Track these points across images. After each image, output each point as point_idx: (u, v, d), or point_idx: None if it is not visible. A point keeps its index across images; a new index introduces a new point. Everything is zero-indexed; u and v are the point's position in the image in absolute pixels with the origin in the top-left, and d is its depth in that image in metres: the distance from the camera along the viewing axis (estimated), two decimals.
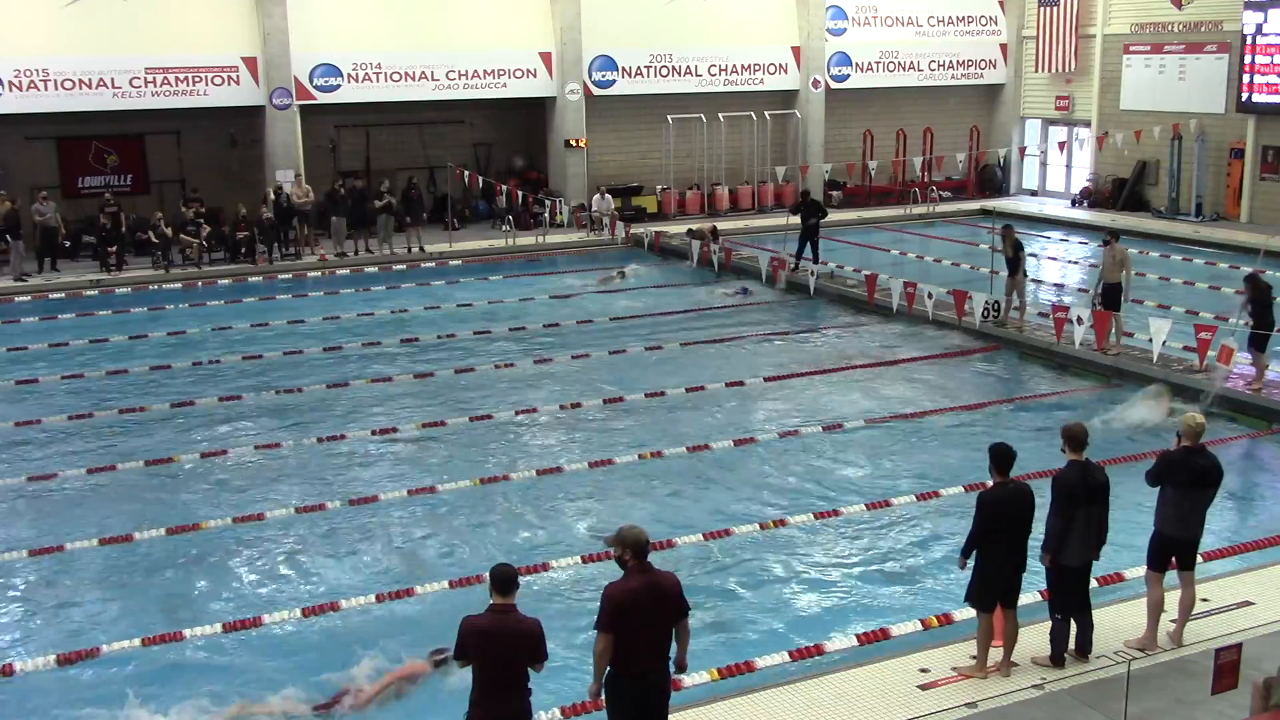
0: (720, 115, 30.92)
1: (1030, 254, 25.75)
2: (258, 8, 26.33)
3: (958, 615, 9.41)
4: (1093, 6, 31.44)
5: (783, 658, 9.06)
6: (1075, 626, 8.55)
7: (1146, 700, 8.02)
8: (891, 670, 8.59)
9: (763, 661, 8.99)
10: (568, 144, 29.48)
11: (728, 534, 11.47)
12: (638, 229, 27.53)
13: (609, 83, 29.88)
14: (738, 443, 14.16)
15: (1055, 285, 23.39)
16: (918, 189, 31.74)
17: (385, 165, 29.39)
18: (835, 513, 11.98)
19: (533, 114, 30.30)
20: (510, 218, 26.95)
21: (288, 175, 26.40)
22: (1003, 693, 8.18)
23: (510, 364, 17.94)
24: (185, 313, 21.72)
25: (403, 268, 25.34)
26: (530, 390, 16.58)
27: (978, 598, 8.34)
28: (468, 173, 28.59)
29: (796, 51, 31.52)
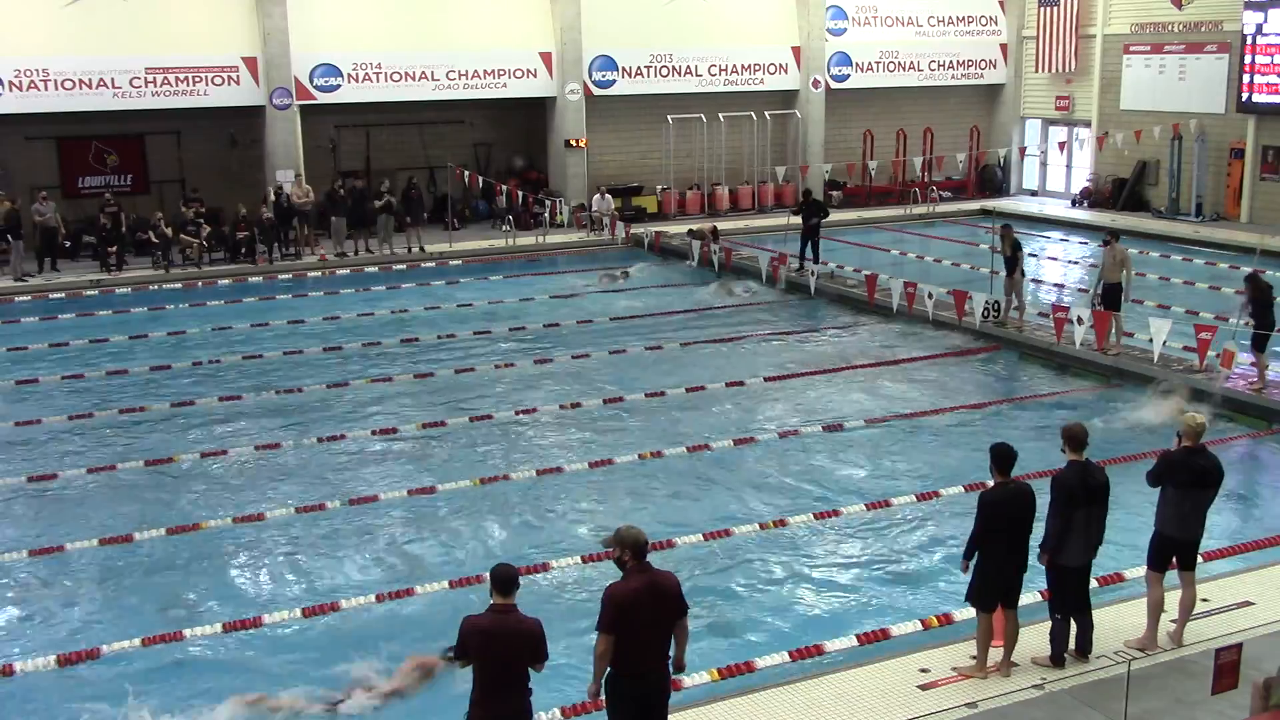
0: (720, 115, 30.92)
1: (1030, 254, 25.79)
2: (258, 8, 26.33)
3: (958, 615, 9.42)
4: (1093, 6, 31.44)
5: (783, 658, 9.06)
6: (1075, 626, 8.55)
7: (1146, 700, 8.02)
8: (891, 670, 8.59)
9: (763, 661, 8.99)
10: (568, 144, 29.49)
11: (728, 534, 11.47)
12: (638, 229, 27.53)
13: (609, 83, 29.88)
14: (738, 443, 14.16)
15: (1055, 285, 23.38)
16: (918, 189, 31.74)
17: (385, 165, 29.38)
18: (835, 513, 11.98)
19: (533, 114, 30.30)
20: (510, 218, 26.95)
21: (288, 175, 26.40)
22: (1003, 693, 8.18)
23: (510, 364, 17.94)
24: (185, 313, 21.72)
25: (403, 268, 25.34)
26: (530, 390, 16.58)
27: (978, 597, 8.34)
28: (468, 173, 28.59)
29: (796, 51, 31.52)
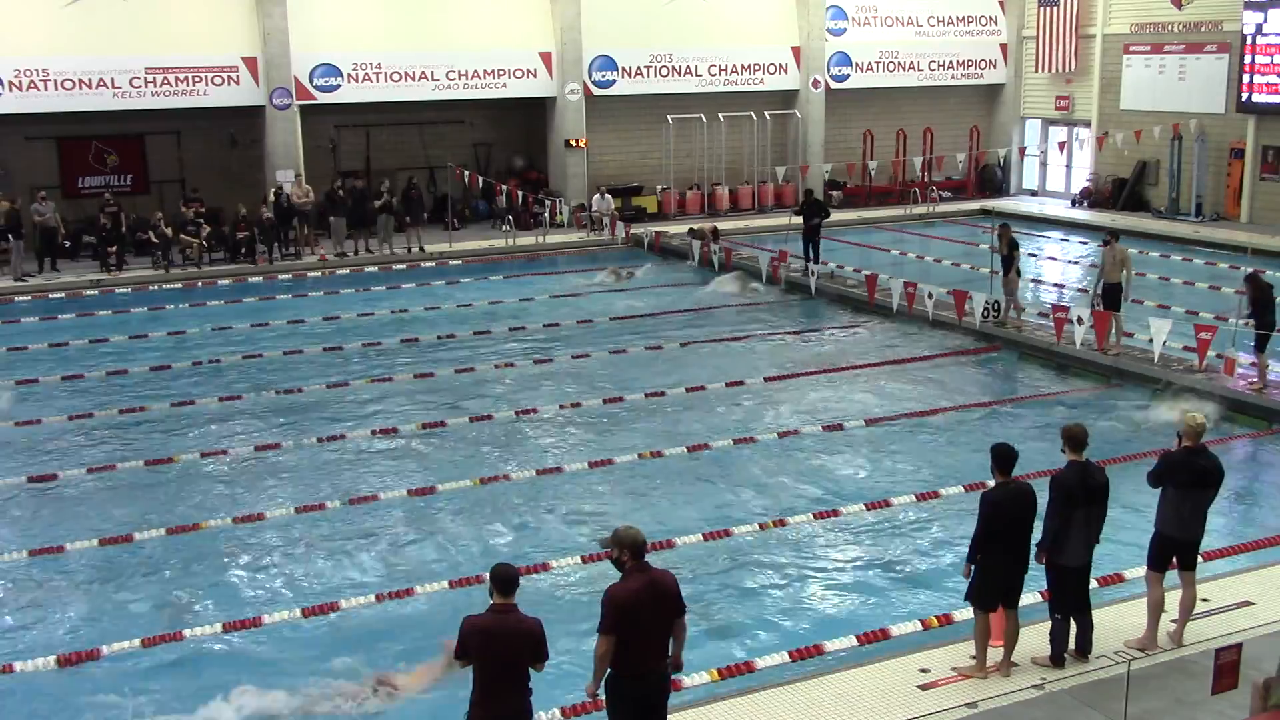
0: (720, 115, 30.91)
1: (1030, 254, 25.83)
2: (258, 8, 26.33)
3: (958, 615, 9.41)
4: (1093, 6, 31.44)
5: (783, 658, 9.06)
6: (1075, 626, 8.55)
7: (1146, 700, 8.02)
8: (891, 670, 8.59)
9: (763, 661, 9.00)
10: (568, 144, 29.48)
11: (728, 534, 11.46)
12: (638, 229, 27.54)
13: (609, 83, 29.88)
14: (738, 442, 14.15)
15: (1055, 285, 23.37)
16: (918, 189, 31.73)
17: (385, 165, 29.38)
18: (835, 513, 11.98)
19: (533, 114, 30.30)
20: (510, 218, 26.95)
21: (288, 175, 26.40)
22: (1003, 693, 8.18)
23: (510, 364, 17.94)
24: (185, 313, 21.71)
25: (403, 268, 25.34)
26: (530, 390, 16.58)
27: (978, 597, 8.34)
28: (468, 173, 28.59)
29: (796, 51, 31.51)
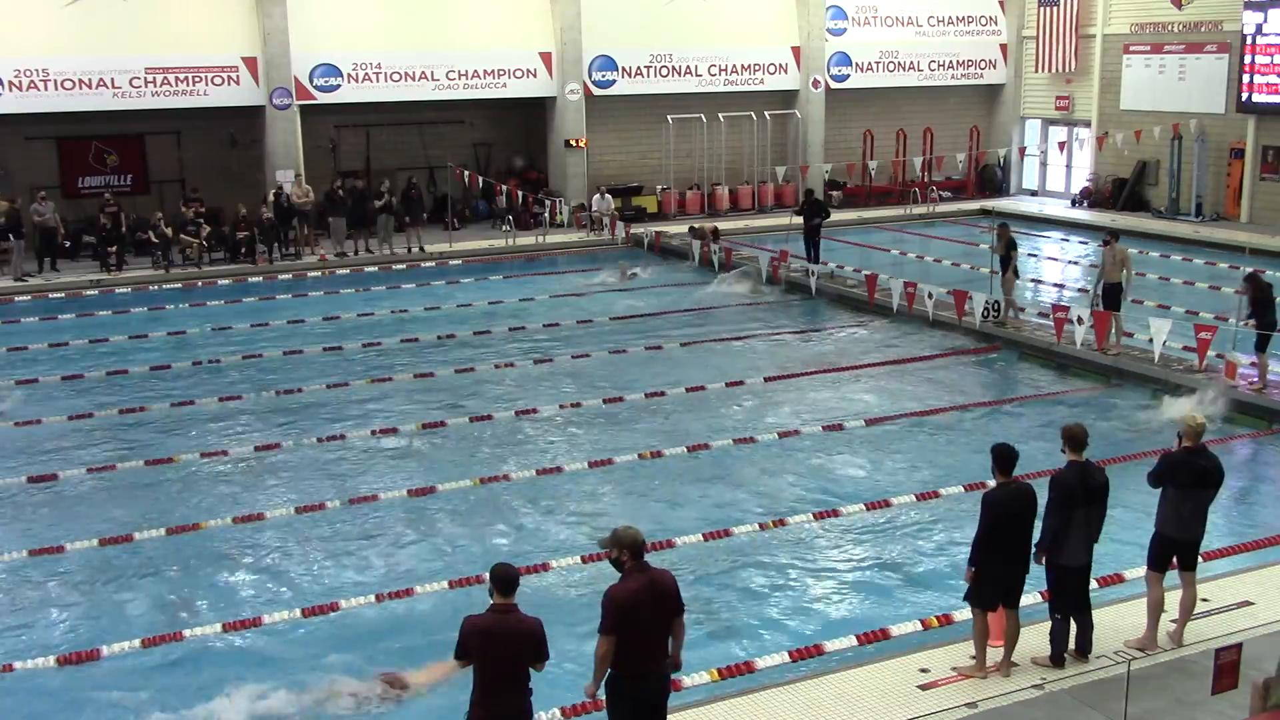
0: (720, 115, 30.91)
1: (1030, 254, 25.86)
2: (258, 8, 26.33)
3: (958, 615, 9.41)
4: (1093, 6, 31.44)
5: (783, 658, 9.06)
6: (1075, 626, 8.55)
7: (1146, 700, 8.02)
8: (891, 670, 8.59)
9: (763, 661, 9.00)
10: (568, 144, 29.48)
11: (728, 534, 11.46)
12: (638, 229, 27.54)
13: (609, 83, 29.88)
14: (738, 442, 14.15)
15: (1055, 285, 23.37)
16: (918, 189, 31.73)
17: (385, 165, 29.38)
18: (835, 513, 11.98)
19: (533, 114, 30.29)
20: (510, 218, 26.95)
21: (288, 175, 26.40)
22: (1003, 693, 8.17)
23: (510, 364, 17.93)
24: (185, 313, 21.71)
25: (403, 268, 25.34)
26: (530, 390, 16.58)
27: (978, 597, 8.33)
28: (468, 173, 28.58)
29: (796, 51, 31.51)
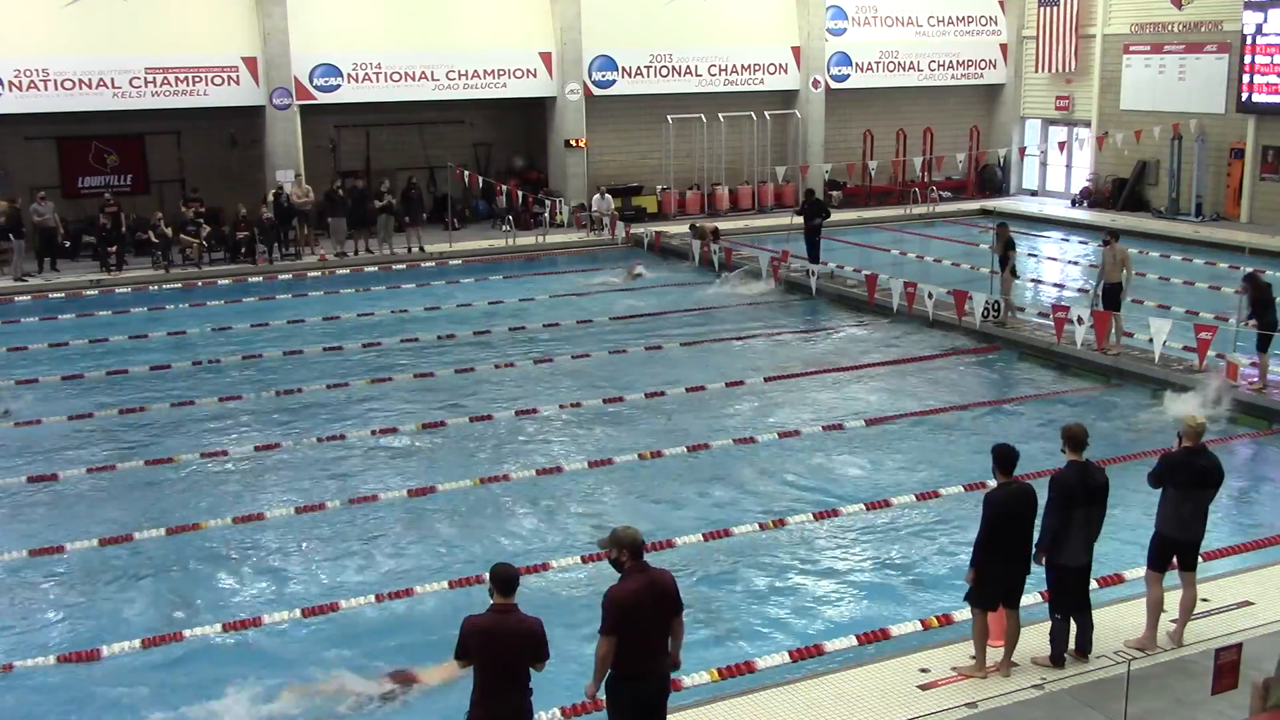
0: (720, 115, 30.90)
1: (1030, 254, 25.89)
2: (258, 8, 26.33)
3: (958, 615, 9.41)
4: (1093, 6, 31.43)
5: (783, 658, 9.07)
6: (1075, 626, 8.55)
7: (1146, 700, 8.02)
8: (891, 670, 8.59)
9: (763, 661, 9.00)
10: (568, 144, 29.48)
11: (728, 534, 11.46)
12: (638, 229, 27.54)
13: (609, 83, 29.87)
14: (738, 442, 14.15)
15: (1055, 285, 23.37)
16: (918, 189, 31.72)
17: (385, 165, 29.37)
18: (835, 513, 11.98)
19: (533, 114, 30.29)
20: (510, 218, 26.95)
21: (288, 175, 26.40)
22: (1003, 693, 8.17)
23: (510, 364, 17.93)
24: (185, 313, 21.71)
25: (403, 268, 25.34)
26: (530, 390, 16.58)
27: (979, 597, 8.33)
28: (468, 173, 28.58)
29: (796, 51, 31.51)
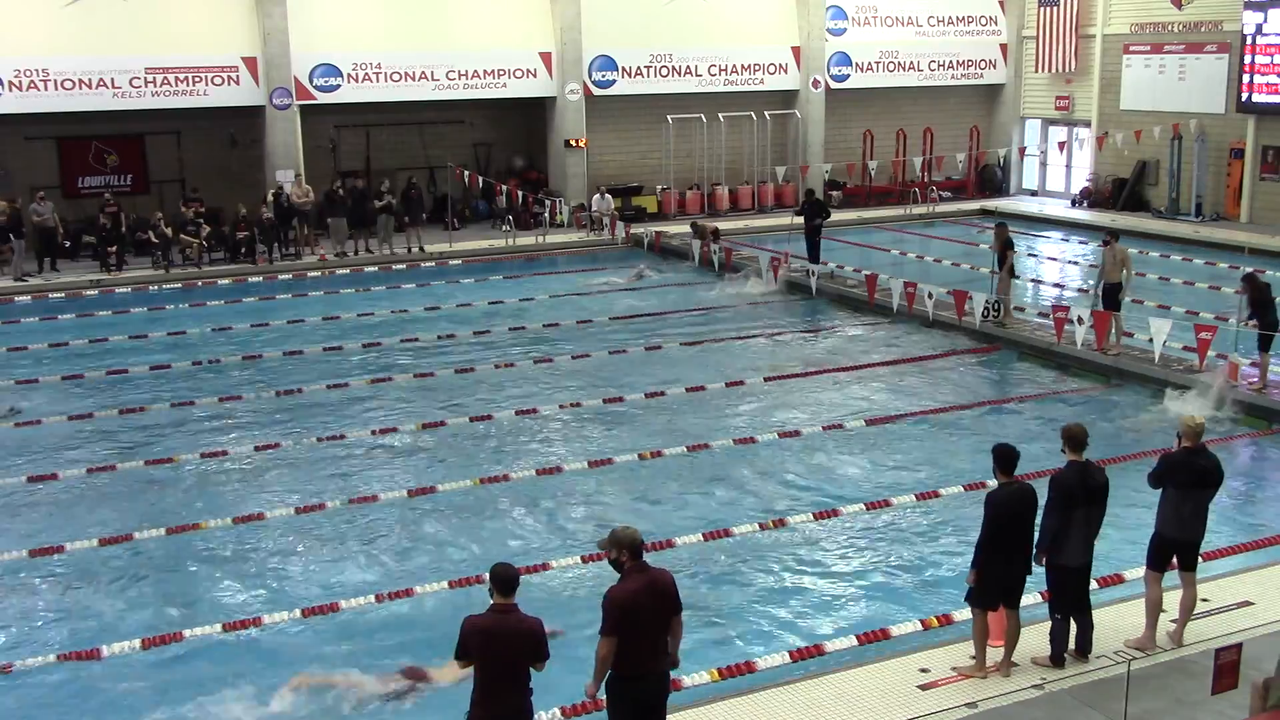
0: (720, 115, 30.91)
1: (1030, 254, 25.90)
2: (258, 8, 26.33)
3: (958, 615, 9.41)
4: (1093, 6, 31.43)
5: (783, 658, 9.07)
6: (1075, 626, 8.55)
7: (1146, 700, 8.03)
8: (891, 670, 8.59)
9: (763, 661, 9.00)
10: (568, 144, 29.48)
11: (728, 534, 11.46)
12: (638, 229, 27.55)
13: (609, 83, 29.87)
14: (738, 442, 14.15)
15: (1055, 285, 23.37)
16: (918, 189, 31.72)
17: (385, 165, 29.38)
18: (835, 512, 11.98)
19: (533, 114, 30.29)
20: (510, 218, 26.95)
21: (288, 175, 26.40)
22: (1003, 693, 8.17)
23: (510, 364, 17.94)
24: (185, 313, 21.71)
25: (403, 268, 25.34)
26: (530, 390, 16.58)
27: (979, 597, 8.33)
28: (468, 173, 28.59)
29: (796, 51, 31.51)
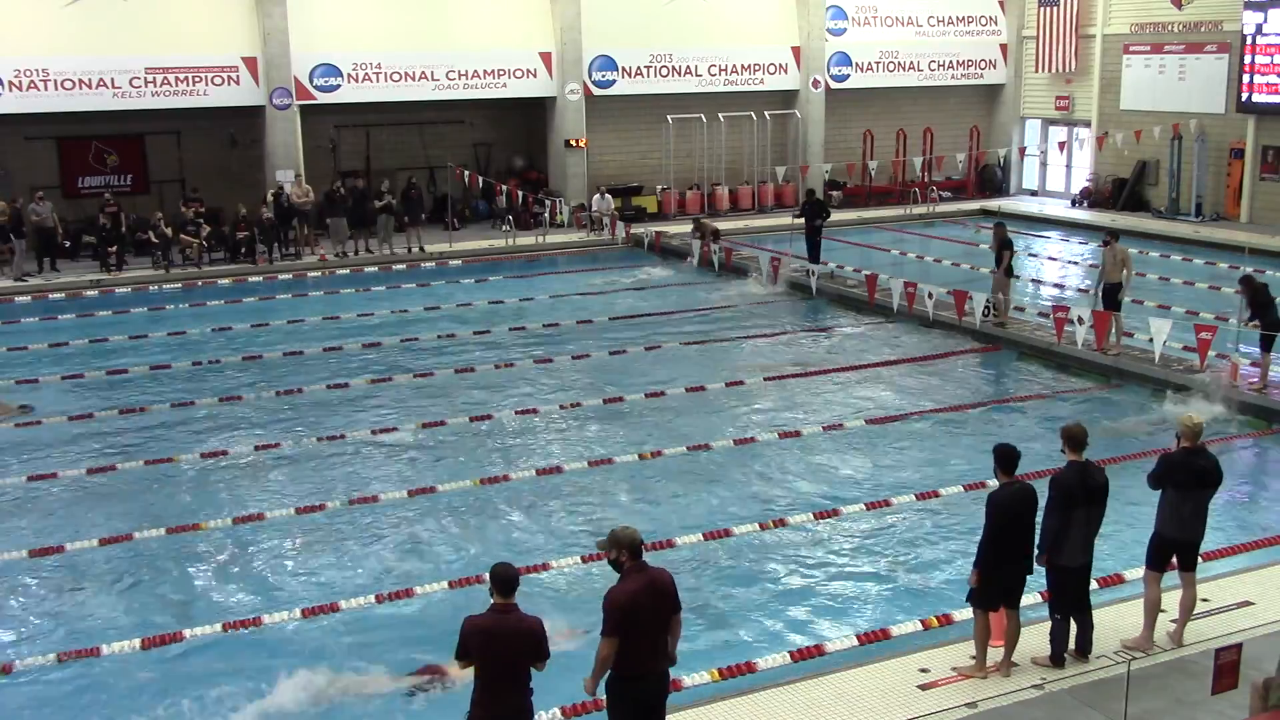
0: (720, 115, 30.91)
1: (1030, 254, 25.90)
2: (258, 8, 26.33)
3: (958, 615, 9.42)
4: (1093, 6, 31.43)
5: (783, 658, 9.07)
6: (1075, 626, 8.55)
7: (1146, 700, 8.03)
8: (891, 670, 8.59)
9: (763, 662, 9.00)
10: (568, 144, 29.48)
11: (728, 534, 11.46)
12: (638, 229, 27.55)
13: (609, 83, 29.87)
14: (738, 443, 14.15)
15: (1055, 285, 23.37)
16: (918, 189, 31.72)
17: (385, 165, 29.38)
18: (835, 513, 11.98)
19: (533, 114, 30.29)
20: (510, 218, 26.95)
21: (288, 175, 26.40)
22: (1003, 693, 8.18)
23: (510, 364, 17.93)
24: (185, 313, 21.72)
25: (403, 268, 25.34)
26: (530, 390, 16.58)
27: (979, 597, 8.33)
28: (468, 173, 28.59)
29: (796, 51, 31.51)
